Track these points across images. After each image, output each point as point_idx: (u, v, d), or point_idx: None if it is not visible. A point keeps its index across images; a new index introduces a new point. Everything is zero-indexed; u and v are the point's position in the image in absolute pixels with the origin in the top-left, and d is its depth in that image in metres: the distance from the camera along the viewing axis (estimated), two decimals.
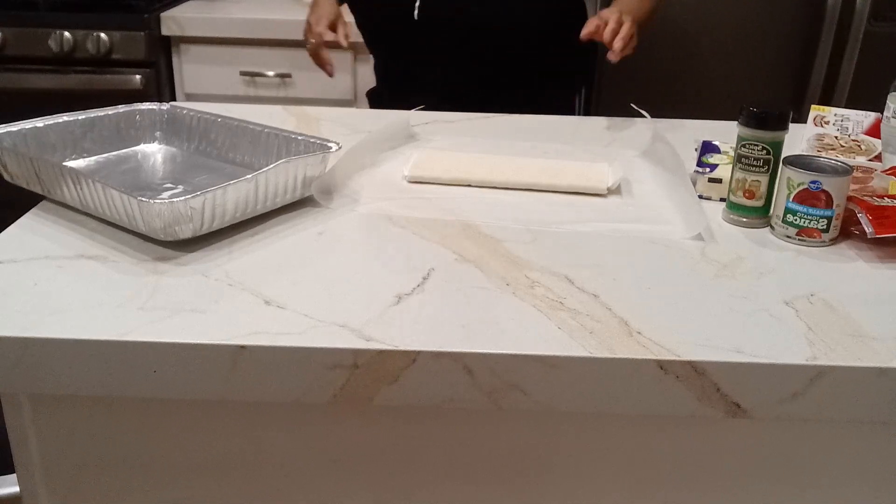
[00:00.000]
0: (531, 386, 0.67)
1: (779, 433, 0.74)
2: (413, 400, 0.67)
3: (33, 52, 2.10)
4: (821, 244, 0.87)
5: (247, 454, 0.76)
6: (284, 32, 2.12)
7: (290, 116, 1.28)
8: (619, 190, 1.02)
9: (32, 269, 0.77)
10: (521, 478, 0.77)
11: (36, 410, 0.74)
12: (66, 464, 0.76)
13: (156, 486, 0.77)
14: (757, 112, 0.89)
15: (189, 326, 0.68)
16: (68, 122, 1.02)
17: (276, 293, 0.73)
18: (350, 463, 0.77)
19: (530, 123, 1.29)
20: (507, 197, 0.99)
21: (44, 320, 0.68)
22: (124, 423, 0.75)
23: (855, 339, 0.69)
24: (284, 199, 0.90)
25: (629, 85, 1.72)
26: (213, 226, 0.82)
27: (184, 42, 2.16)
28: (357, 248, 0.83)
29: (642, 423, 0.74)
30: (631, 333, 0.69)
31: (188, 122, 1.07)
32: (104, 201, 0.82)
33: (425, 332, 0.68)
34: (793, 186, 0.87)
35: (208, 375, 0.66)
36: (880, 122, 1.06)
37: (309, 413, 0.74)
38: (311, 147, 0.95)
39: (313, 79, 2.17)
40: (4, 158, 0.92)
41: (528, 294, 0.75)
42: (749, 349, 0.67)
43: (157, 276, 0.76)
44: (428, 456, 0.76)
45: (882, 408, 0.67)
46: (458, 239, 0.86)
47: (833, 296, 0.76)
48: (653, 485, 0.77)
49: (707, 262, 0.83)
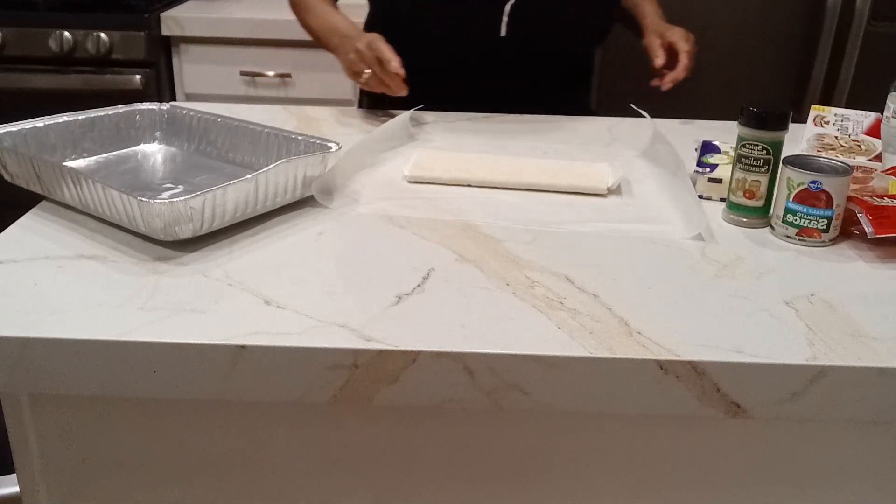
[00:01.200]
0: (531, 386, 0.67)
1: (779, 433, 0.74)
2: (413, 400, 0.67)
3: (33, 52, 2.10)
4: (821, 244, 0.87)
5: (247, 454, 0.76)
6: (284, 32, 2.12)
7: (290, 116, 1.28)
8: (619, 190, 1.02)
9: (32, 269, 0.77)
10: (521, 478, 0.77)
11: (36, 410, 0.74)
12: (66, 464, 0.76)
13: (156, 486, 0.77)
14: (757, 112, 0.89)
15: (189, 326, 0.68)
16: (68, 122, 1.02)
17: (276, 293, 0.73)
18: (350, 463, 0.77)
19: (530, 123, 1.29)
20: (507, 197, 0.99)
21: (44, 320, 0.68)
22: (124, 423, 0.75)
23: (855, 339, 0.69)
24: (284, 199, 0.90)
25: (629, 85, 1.72)
26: (213, 226, 0.82)
27: (184, 42, 2.16)
28: (357, 248, 0.83)
29: (642, 423, 0.74)
30: (631, 333, 0.69)
31: (188, 122, 1.07)
32: (104, 201, 0.82)
33: (425, 332, 0.68)
34: (793, 186, 0.87)
35: (208, 375, 0.66)
36: (880, 122, 1.06)
37: (309, 413, 0.74)
38: (311, 147, 0.95)
39: (313, 79, 2.17)
40: (4, 158, 0.92)
41: (528, 294, 0.75)
42: (749, 349, 0.67)
43: (157, 276, 0.76)
44: (428, 456, 0.76)
45: (882, 408, 0.67)
46: (458, 239, 0.86)
47: (833, 296, 0.76)
48: (653, 485, 0.77)
49: (707, 262, 0.83)
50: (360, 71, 1.17)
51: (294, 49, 2.14)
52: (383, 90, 1.18)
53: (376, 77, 1.16)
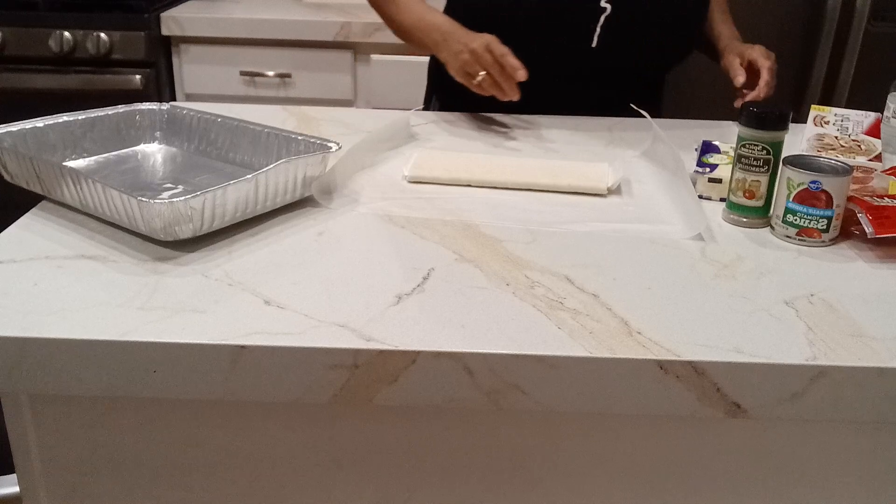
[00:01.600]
0: (531, 386, 0.67)
1: (779, 433, 0.74)
2: (413, 400, 0.67)
3: (33, 52, 2.10)
4: (821, 244, 0.87)
5: (247, 454, 0.76)
6: (284, 32, 2.12)
7: (290, 116, 1.28)
8: (619, 190, 1.02)
9: (32, 269, 0.77)
10: (520, 478, 0.77)
11: (36, 410, 0.74)
12: (66, 464, 0.76)
13: (156, 486, 0.77)
14: (757, 112, 0.89)
15: (189, 326, 0.68)
16: (68, 122, 1.02)
17: (276, 293, 0.73)
18: (350, 463, 0.77)
19: (530, 123, 1.29)
20: (507, 197, 0.99)
21: (44, 320, 0.68)
22: (124, 423, 0.75)
23: (855, 339, 0.69)
24: (284, 199, 0.90)
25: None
26: (213, 226, 0.82)
27: (184, 42, 2.16)
28: (357, 248, 0.83)
29: (642, 423, 0.74)
30: (631, 333, 0.69)
31: (188, 122, 1.07)
32: (104, 201, 0.82)
33: (425, 332, 0.68)
34: (793, 186, 0.87)
35: (208, 375, 0.66)
36: (880, 122, 1.06)
37: (309, 413, 0.74)
38: (311, 147, 0.95)
39: (313, 79, 2.18)
40: (4, 158, 0.92)
41: (528, 294, 0.75)
42: (749, 349, 0.67)
43: (157, 276, 0.76)
44: (428, 456, 0.76)
45: (882, 408, 0.67)
46: (458, 239, 0.86)
47: (833, 296, 0.76)
48: (653, 485, 0.77)
49: (707, 262, 0.83)
50: (475, 73, 1.15)
51: (294, 49, 2.14)
52: (495, 93, 1.16)
53: (491, 79, 1.14)
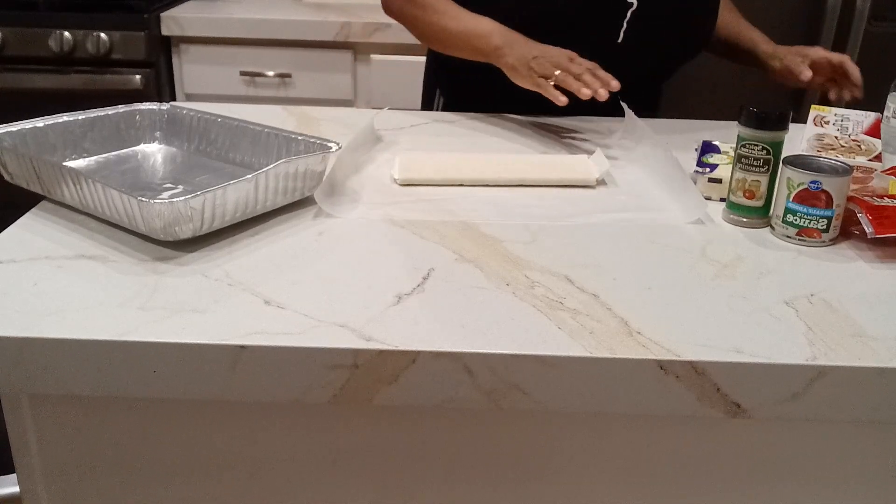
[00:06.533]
0: (531, 386, 0.67)
1: (779, 433, 0.74)
2: (413, 400, 0.67)
3: (33, 52, 2.10)
4: (821, 244, 0.87)
5: (247, 454, 0.76)
6: (284, 32, 2.12)
7: (290, 116, 1.28)
8: (604, 180, 1.03)
9: (32, 269, 0.77)
10: (521, 478, 0.77)
11: (36, 410, 0.74)
12: (66, 464, 0.76)
13: (156, 486, 0.77)
14: (757, 112, 0.89)
15: (189, 326, 0.68)
16: (68, 122, 1.01)
17: (276, 293, 0.73)
18: (350, 463, 0.77)
19: (501, 122, 1.29)
20: (502, 193, 0.99)
21: (44, 320, 0.68)
22: (124, 423, 0.75)
23: (855, 339, 0.69)
24: (284, 199, 0.90)
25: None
26: (213, 226, 0.82)
27: (184, 42, 2.16)
28: (357, 248, 0.83)
29: (642, 423, 0.74)
30: (631, 333, 0.69)
31: (188, 122, 1.07)
32: (104, 201, 0.82)
33: (425, 332, 0.68)
34: (793, 186, 0.87)
35: (208, 375, 0.66)
36: (880, 122, 1.06)
37: (309, 413, 0.74)
38: (311, 147, 0.95)
39: (313, 79, 2.18)
40: (4, 158, 0.92)
41: (528, 294, 0.75)
42: (749, 349, 0.67)
43: (157, 276, 0.76)
44: (428, 456, 0.76)
45: (882, 408, 0.67)
46: (457, 239, 0.86)
47: (833, 296, 0.76)
48: (653, 485, 0.77)
49: (707, 262, 0.83)
50: (550, 73, 1.12)
51: (294, 49, 2.14)
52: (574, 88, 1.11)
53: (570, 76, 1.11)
